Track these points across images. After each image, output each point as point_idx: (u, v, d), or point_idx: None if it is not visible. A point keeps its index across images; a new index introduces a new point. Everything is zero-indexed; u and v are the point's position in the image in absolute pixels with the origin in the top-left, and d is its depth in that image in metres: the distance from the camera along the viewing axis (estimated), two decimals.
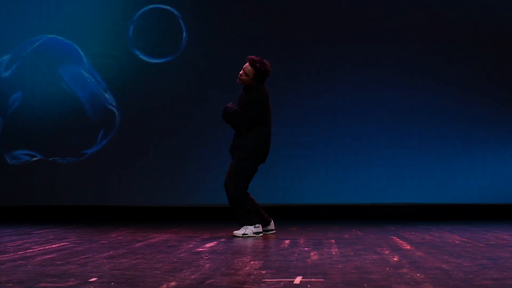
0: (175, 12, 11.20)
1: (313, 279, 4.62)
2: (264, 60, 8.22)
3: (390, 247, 6.67)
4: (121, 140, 11.19)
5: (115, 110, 11.20)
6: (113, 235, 8.13)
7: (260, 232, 8.05)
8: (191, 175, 11.17)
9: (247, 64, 8.18)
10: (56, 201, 11.26)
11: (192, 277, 4.75)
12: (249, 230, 8.00)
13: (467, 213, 11.10)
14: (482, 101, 11.01)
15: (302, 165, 11.12)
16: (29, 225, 9.86)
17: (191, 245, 6.92)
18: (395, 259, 5.69)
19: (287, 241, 7.35)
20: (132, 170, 11.20)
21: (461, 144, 11.01)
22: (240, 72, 8.21)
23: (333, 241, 7.35)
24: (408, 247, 6.64)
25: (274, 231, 8.34)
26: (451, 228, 9.01)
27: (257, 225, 8.03)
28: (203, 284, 4.47)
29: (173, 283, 4.49)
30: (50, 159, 11.22)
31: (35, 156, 11.23)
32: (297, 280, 4.59)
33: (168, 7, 11.20)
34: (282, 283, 4.47)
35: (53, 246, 6.93)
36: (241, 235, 7.95)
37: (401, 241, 7.24)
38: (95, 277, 4.77)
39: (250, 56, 8.22)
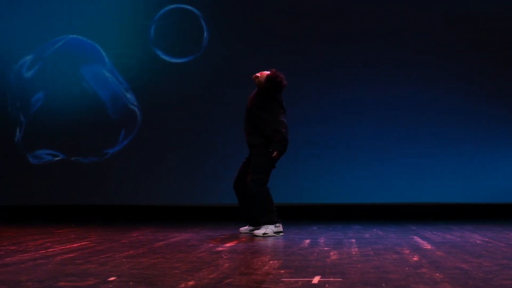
0: (196, 11, 11.21)
1: (331, 279, 4.62)
2: (279, 78, 8.10)
3: (410, 246, 6.65)
4: (142, 139, 11.22)
5: (136, 109, 11.23)
6: (134, 235, 8.15)
7: (281, 232, 8.05)
8: (212, 175, 11.17)
9: (265, 73, 8.12)
10: (78, 200, 11.31)
11: (211, 276, 4.75)
12: (269, 229, 8.00)
13: (489, 212, 11.04)
14: (503, 100, 10.94)
15: (322, 165, 11.10)
16: (52, 224, 9.91)
17: (211, 245, 6.93)
18: (415, 258, 5.67)
19: (307, 241, 7.34)
20: (153, 170, 11.22)
21: (482, 143, 10.94)
22: (258, 74, 8.17)
23: (354, 240, 7.34)
24: (428, 247, 6.61)
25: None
26: (473, 227, 8.96)
27: (277, 225, 8.03)
28: (221, 283, 4.48)
29: (191, 283, 4.50)
30: (72, 158, 11.26)
31: (57, 156, 11.28)
32: (316, 279, 4.59)
33: (189, 7, 11.22)
34: (300, 283, 4.47)
35: (74, 245, 6.97)
36: (262, 235, 7.95)
37: (421, 241, 7.22)
38: (114, 276, 4.79)
39: (272, 71, 8.13)
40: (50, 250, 6.52)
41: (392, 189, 10.98)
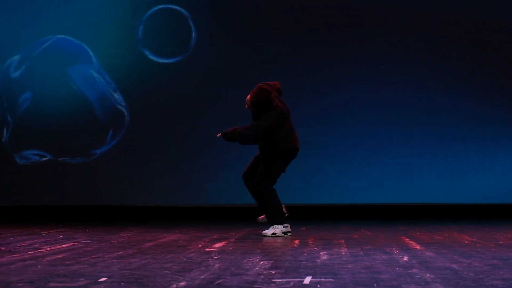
0: (184, 12, 11.20)
1: (323, 279, 4.62)
2: (258, 97, 8.10)
3: (399, 247, 6.67)
4: (130, 140, 11.20)
5: (124, 110, 11.21)
6: (123, 235, 8.14)
7: (289, 232, 8.05)
8: (200, 175, 11.18)
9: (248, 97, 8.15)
10: (65, 201, 11.28)
11: (202, 277, 4.75)
12: (278, 229, 8.02)
13: (476, 213, 11.08)
14: (492, 100, 10.98)
15: (311, 165, 11.11)
16: (39, 225, 9.87)
17: (200, 245, 6.92)
18: (405, 259, 5.68)
19: (296, 241, 7.35)
20: (141, 170, 11.21)
21: (471, 144, 10.98)
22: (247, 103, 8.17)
23: (343, 241, 7.35)
24: (417, 247, 6.63)
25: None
26: (461, 228, 9.00)
27: (285, 225, 8.04)
28: (213, 284, 4.47)
29: (182, 283, 4.49)
30: (59, 159, 11.23)
31: (44, 156, 11.25)
32: (307, 280, 4.59)
33: (177, 7, 11.21)
34: (291, 283, 4.47)
35: (63, 246, 6.95)
36: (271, 235, 7.97)
37: (410, 241, 7.24)
38: (105, 277, 4.77)
39: (252, 92, 8.15)
40: (39, 251, 6.49)
41: (381, 190, 11.01)
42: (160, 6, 11.23)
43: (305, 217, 10.83)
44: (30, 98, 11.24)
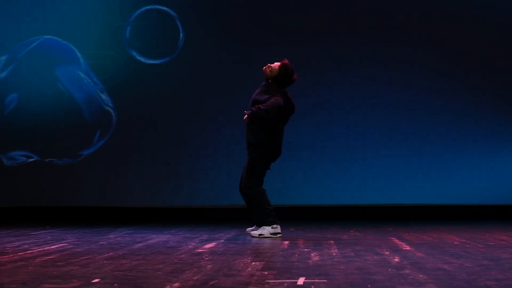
0: (172, 13, 11.19)
1: (317, 280, 4.63)
2: (291, 70, 8.13)
3: (390, 248, 6.68)
4: (117, 141, 11.17)
5: (111, 111, 11.18)
6: (112, 236, 8.12)
7: (278, 233, 8.04)
8: (188, 176, 11.16)
9: (277, 63, 8.10)
10: (53, 202, 11.24)
11: (195, 278, 4.74)
12: (265, 230, 7.99)
13: (463, 214, 11.12)
14: (477, 102, 11.03)
15: (298, 166, 11.12)
16: (26, 226, 9.83)
17: (190, 246, 6.91)
18: (396, 260, 5.70)
19: (286, 242, 7.35)
20: (128, 171, 11.19)
21: (457, 145, 11.02)
22: (269, 65, 8.12)
23: (332, 242, 7.36)
24: (408, 248, 6.64)
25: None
26: (449, 229, 9.02)
27: (274, 226, 8.02)
28: (207, 285, 4.47)
29: (176, 284, 4.49)
30: (46, 160, 11.20)
31: (31, 157, 11.21)
32: (300, 281, 4.59)
33: (165, 8, 11.20)
34: (285, 284, 4.47)
35: (52, 247, 6.92)
36: (258, 236, 7.95)
37: (400, 242, 7.25)
38: (97, 278, 4.76)
39: (285, 61, 8.12)
40: (29, 252, 6.47)
41: (367, 191, 11.03)
42: (148, 7, 11.21)
43: (292, 218, 10.83)
44: (17, 99, 11.19)
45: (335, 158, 11.10)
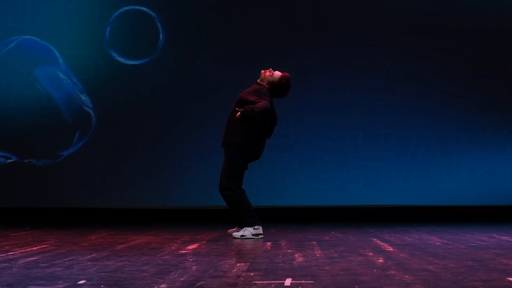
0: (152, 13, 11.17)
1: (303, 281, 4.62)
2: (289, 85, 8.19)
3: (372, 249, 6.69)
4: (97, 141, 11.13)
5: (91, 111, 11.14)
6: (93, 237, 8.08)
7: (260, 234, 8.02)
8: (168, 178, 11.14)
9: (279, 72, 8.11)
10: (31, 203, 11.18)
11: (182, 279, 4.73)
12: (247, 231, 7.98)
13: (443, 215, 11.17)
14: (457, 103, 11.09)
15: (278, 167, 11.13)
16: (5, 227, 9.77)
17: (173, 247, 6.89)
18: (381, 260, 5.71)
19: (268, 243, 7.35)
20: (108, 172, 11.15)
21: (436, 146, 11.08)
22: (271, 70, 8.10)
23: (315, 243, 7.36)
24: (390, 249, 6.66)
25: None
26: (429, 230, 9.06)
27: (256, 227, 8.01)
28: (194, 286, 4.46)
29: (163, 285, 4.47)
30: (25, 160, 11.13)
31: (10, 158, 11.14)
32: (287, 282, 4.59)
33: (145, 9, 11.17)
34: (273, 285, 4.47)
35: (34, 248, 6.87)
36: (240, 237, 7.94)
37: (382, 243, 7.27)
38: (83, 279, 4.74)
39: (288, 74, 8.14)
40: (11, 253, 6.42)
41: (347, 192, 11.06)
42: (128, 7, 11.18)
43: (272, 219, 10.83)
44: None
45: (314, 160, 11.11)
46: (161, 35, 11.16)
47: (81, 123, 11.12)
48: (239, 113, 7.76)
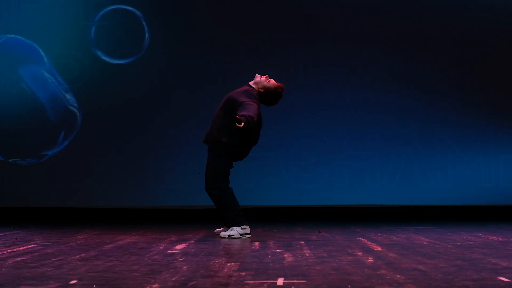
0: (138, 12, 11.14)
1: (295, 281, 4.63)
2: (281, 96, 8.20)
3: (361, 248, 6.71)
4: (82, 141, 11.09)
5: (76, 111, 11.10)
6: (80, 237, 8.05)
7: (247, 234, 8.01)
8: (152, 177, 11.13)
9: (275, 83, 8.12)
10: (16, 202, 11.13)
11: (173, 279, 4.72)
12: (235, 231, 7.96)
13: (428, 214, 11.21)
14: (442, 103, 11.13)
15: (263, 167, 11.13)
16: None
17: (161, 247, 6.88)
18: (370, 260, 5.72)
19: (257, 243, 7.35)
20: (93, 172, 11.12)
21: (421, 146, 11.12)
22: (267, 76, 8.10)
23: (303, 242, 7.37)
24: (379, 248, 6.68)
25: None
26: (415, 229, 9.08)
27: (244, 227, 7.98)
28: (186, 286, 4.46)
29: (156, 285, 4.46)
30: (10, 160, 11.08)
31: None
32: (280, 281, 4.59)
33: (131, 8, 11.14)
34: (265, 285, 4.47)
35: (21, 248, 6.85)
36: (227, 237, 7.92)
37: (370, 243, 7.29)
38: (74, 279, 4.72)
39: (283, 85, 8.17)
40: None
41: (332, 192, 11.08)
42: (113, 7, 11.15)
43: (258, 219, 10.82)
44: None
45: (299, 159, 11.13)
46: (146, 35, 11.14)
47: (66, 123, 11.08)
48: (243, 123, 7.56)
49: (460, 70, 11.16)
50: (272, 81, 8.18)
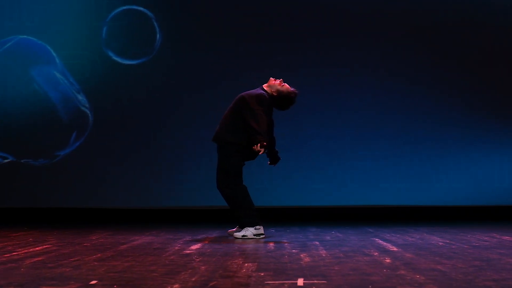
0: (149, 13, 11.15)
1: (315, 281, 4.63)
2: (293, 102, 8.22)
3: (376, 248, 6.70)
4: (94, 141, 11.12)
5: (88, 111, 11.12)
6: (94, 238, 8.06)
7: (262, 234, 7.99)
8: (163, 177, 11.13)
9: (289, 88, 8.13)
10: (28, 203, 11.15)
11: (193, 279, 4.72)
12: (249, 232, 7.93)
13: (440, 215, 11.20)
14: (454, 103, 11.12)
15: (275, 167, 11.09)
16: (2, 227, 9.73)
17: (176, 247, 6.88)
18: (388, 260, 5.71)
19: (271, 243, 7.35)
20: (105, 172, 11.13)
21: (434, 146, 11.11)
22: (281, 80, 8.12)
23: (317, 243, 7.36)
24: (394, 249, 6.66)
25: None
26: (428, 229, 9.07)
27: (257, 227, 7.96)
28: (207, 286, 4.45)
29: (176, 286, 4.46)
30: (22, 160, 11.10)
31: (6, 158, 11.10)
32: (300, 282, 4.59)
33: (142, 8, 11.15)
34: (286, 285, 4.47)
35: (37, 248, 6.85)
36: (241, 237, 7.91)
37: (384, 243, 7.28)
38: (94, 280, 4.72)
39: (296, 91, 8.17)
40: (15, 254, 6.40)
41: (344, 192, 11.07)
42: (125, 7, 11.16)
43: (269, 219, 10.81)
44: None
45: (311, 160, 11.12)
46: (158, 35, 11.15)
47: (78, 123, 11.10)
48: (261, 151, 7.84)
49: (473, 70, 11.14)
50: (286, 86, 8.18)
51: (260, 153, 7.86)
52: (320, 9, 11.15)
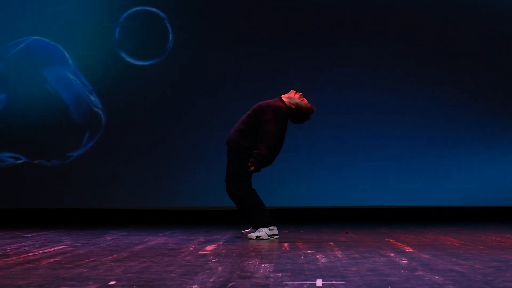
0: (162, 14, 11.16)
1: (334, 282, 4.62)
2: (309, 117, 8.27)
3: (392, 249, 6.69)
4: (106, 142, 11.13)
5: (100, 112, 11.13)
6: (108, 238, 8.07)
7: (275, 235, 7.98)
8: (177, 178, 11.14)
9: (307, 104, 8.16)
10: (41, 203, 11.17)
11: (211, 280, 4.72)
12: (263, 232, 7.93)
13: (452, 215, 11.19)
14: (467, 104, 11.10)
15: (287, 168, 11.12)
16: (17, 228, 9.75)
17: (192, 248, 6.89)
18: (405, 261, 5.70)
19: (286, 244, 7.34)
20: (117, 173, 11.15)
21: (446, 147, 11.09)
22: (302, 95, 8.14)
23: (332, 243, 7.36)
24: (410, 250, 6.66)
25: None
26: (442, 230, 9.06)
27: (271, 227, 7.97)
28: (226, 287, 4.45)
29: (195, 286, 4.47)
30: (35, 161, 11.12)
31: (19, 159, 11.12)
32: (319, 282, 4.59)
33: (155, 9, 11.16)
34: (305, 286, 4.47)
35: (53, 249, 6.86)
36: (255, 238, 7.90)
37: (400, 244, 7.27)
38: (112, 280, 4.73)
39: (313, 107, 8.23)
40: (31, 254, 6.41)
41: (357, 193, 11.07)
42: (137, 8, 11.18)
43: (282, 219, 10.80)
44: (5, 100, 11.11)
45: (323, 160, 11.12)
46: (170, 36, 11.16)
47: (91, 124, 11.12)
48: (252, 169, 7.97)
49: (486, 71, 11.12)
50: (305, 101, 8.19)
51: (250, 169, 7.86)
52: (332, 10, 11.14)
